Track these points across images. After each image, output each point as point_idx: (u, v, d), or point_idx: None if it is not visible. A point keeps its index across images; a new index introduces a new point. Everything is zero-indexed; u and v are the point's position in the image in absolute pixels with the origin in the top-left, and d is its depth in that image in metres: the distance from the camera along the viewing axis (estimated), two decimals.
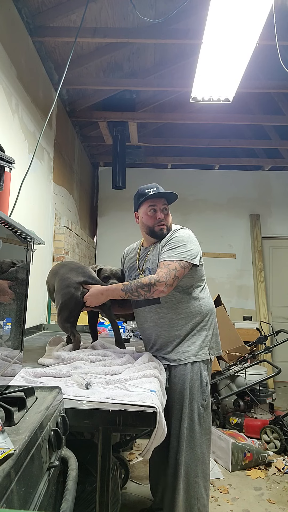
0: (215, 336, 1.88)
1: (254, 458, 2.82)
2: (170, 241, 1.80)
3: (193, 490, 1.69)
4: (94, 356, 1.67)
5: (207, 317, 1.85)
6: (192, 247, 1.78)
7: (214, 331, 1.87)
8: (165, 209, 1.88)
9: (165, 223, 1.86)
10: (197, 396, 1.76)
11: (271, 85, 3.42)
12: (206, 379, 1.79)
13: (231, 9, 1.93)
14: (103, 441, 1.17)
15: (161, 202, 1.88)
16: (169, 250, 1.76)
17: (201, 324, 1.83)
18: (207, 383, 1.80)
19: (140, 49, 3.39)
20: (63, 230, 3.56)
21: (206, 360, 1.80)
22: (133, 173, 5.23)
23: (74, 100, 3.88)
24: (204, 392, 1.77)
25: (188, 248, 1.76)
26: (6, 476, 0.61)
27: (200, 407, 1.76)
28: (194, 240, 1.84)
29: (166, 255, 1.75)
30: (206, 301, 1.87)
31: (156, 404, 1.17)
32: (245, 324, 4.80)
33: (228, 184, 5.67)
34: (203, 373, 1.78)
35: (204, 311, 1.84)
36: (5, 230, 1.02)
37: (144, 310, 1.87)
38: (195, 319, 1.82)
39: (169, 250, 1.76)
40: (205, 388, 1.78)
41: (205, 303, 1.86)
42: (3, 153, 1.35)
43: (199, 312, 1.83)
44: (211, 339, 1.84)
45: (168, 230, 1.87)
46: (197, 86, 2.70)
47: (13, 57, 2.43)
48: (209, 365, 1.84)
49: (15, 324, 1.18)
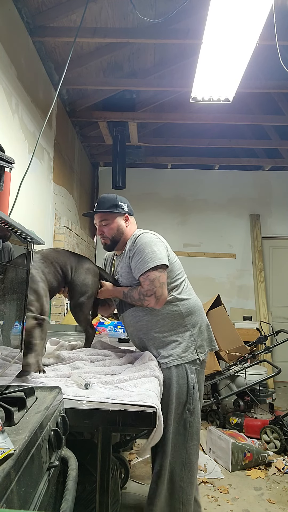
0: (203, 333, 1.80)
1: (254, 458, 2.82)
2: (135, 251, 1.71)
3: (178, 494, 1.64)
4: (94, 356, 1.67)
5: (188, 316, 1.76)
6: (156, 249, 1.69)
7: (200, 328, 1.79)
8: (103, 221, 1.81)
9: (106, 236, 1.80)
10: (183, 401, 1.69)
11: (271, 85, 3.42)
12: (193, 383, 1.72)
13: (231, 9, 1.93)
14: (103, 441, 1.17)
15: (97, 217, 1.83)
16: (139, 261, 1.68)
17: (183, 324, 1.75)
18: (194, 387, 1.72)
19: (140, 49, 3.39)
20: (63, 230, 3.56)
21: (194, 360, 1.73)
22: (133, 173, 5.24)
23: (74, 100, 3.89)
24: (190, 396, 1.70)
25: (154, 250, 1.68)
26: (6, 476, 0.61)
27: (187, 411, 1.69)
28: (157, 242, 1.74)
29: (140, 267, 1.67)
30: (186, 301, 1.78)
31: (156, 404, 1.17)
32: (245, 324, 4.80)
33: (228, 184, 5.67)
34: (190, 376, 1.71)
35: (183, 311, 1.75)
36: (5, 230, 1.02)
37: (125, 315, 1.83)
38: (175, 321, 1.75)
39: (139, 261, 1.68)
40: (192, 391, 1.71)
41: (184, 303, 1.77)
42: (3, 153, 1.34)
43: (178, 313, 1.75)
44: (197, 337, 1.76)
45: (113, 241, 1.80)
46: (197, 86, 2.70)
47: (13, 57, 2.43)
48: (199, 366, 1.76)
49: (15, 324, 1.18)
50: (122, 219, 1.82)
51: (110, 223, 1.80)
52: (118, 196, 1.86)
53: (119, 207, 1.81)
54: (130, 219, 1.85)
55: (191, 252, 5.55)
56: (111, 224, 1.80)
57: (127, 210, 1.84)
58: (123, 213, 1.82)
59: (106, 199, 1.83)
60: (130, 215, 1.86)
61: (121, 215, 1.82)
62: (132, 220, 1.86)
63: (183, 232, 5.61)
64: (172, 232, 5.56)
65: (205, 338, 1.80)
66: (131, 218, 1.86)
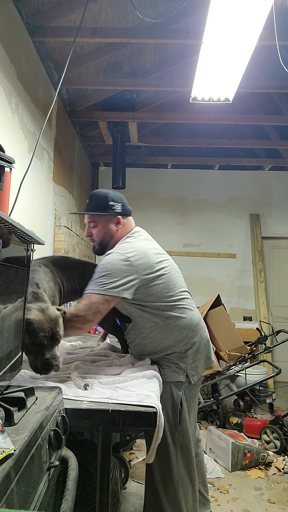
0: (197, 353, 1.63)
1: (254, 458, 2.82)
2: (98, 267, 1.55)
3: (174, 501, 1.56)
4: (94, 356, 1.67)
5: (179, 337, 1.60)
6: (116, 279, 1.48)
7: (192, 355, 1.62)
8: (92, 223, 1.68)
9: (94, 239, 1.69)
10: (169, 417, 1.56)
11: (271, 85, 3.42)
12: (179, 400, 1.57)
13: (231, 9, 1.93)
14: (103, 441, 1.17)
15: (86, 217, 1.71)
16: (94, 279, 1.51)
17: (173, 348, 1.60)
18: (182, 404, 1.58)
19: (140, 49, 3.39)
20: (63, 230, 3.56)
21: (179, 382, 1.59)
22: (133, 173, 5.23)
23: (74, 100, 3.88)
24: (176, 413, 1.57)
25: (113, 279, 1.48)
26: (6, 476, 0.61)
27: (173, 428, 1.56)
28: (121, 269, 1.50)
29: (90, 285, 1.50)
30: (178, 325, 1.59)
31: (156, 404, 1.17)
32: (245, 324, 4.80)
33: (228, 184, 5.67)
34: (175, 394, 1.58)
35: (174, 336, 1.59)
36: (5, 230, 1.02)
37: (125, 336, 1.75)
38: (164, 343, 1.60)
39: (94, 279, 1.51)
40: (178, 409, 1.57)
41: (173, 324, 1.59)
42: (3, 153, 1.34)
43: (167, 337, 1.60)
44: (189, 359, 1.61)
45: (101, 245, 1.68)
46: (197, 86, 2.70)
47: (13, 57, 2.43)
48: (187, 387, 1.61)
49: (15, 324, 1.18)
50: (112, 221, 1.66)
51: (98, 226, 1.66)
52: (112, 193, 1.69)
53: (110, 208, 1.64)
54: (124, 221, 1.68)
55: (191, 252, 5.55)
56: (100, 227, 1.66)
57: (120, 211, 1.66)
58: (114, 214, 1.65)
59: (98, 197, 1.68)
60: (124, 215, 1.69)
61: (112, 217, 1.65)
62: (126, 222, 1.69)
63: (183, 232, 5.61)
64: (172, 232, 5.57)
65: (200, 357, 1.65)
66: (126, 220, 1.69)
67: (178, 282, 1.66)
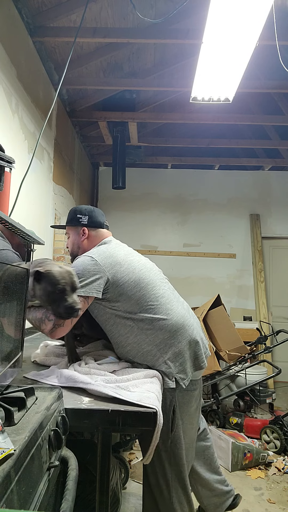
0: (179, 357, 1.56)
1: (254, 458, 2.82)
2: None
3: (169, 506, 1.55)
4: (95, 355, 1.67)
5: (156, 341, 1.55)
6: (83, 278, 1.50)
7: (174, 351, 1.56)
8: (66, 234, 1.80)
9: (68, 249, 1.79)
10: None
11: (271, 85, 3.42)
12: (171, 407, 1.53)
13: (231, 9, 1.93)
14: (102, 441, 1.17)
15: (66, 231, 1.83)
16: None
17: (152, 350, 1.55)
18: (175, 410, 1.54)
19: (140, 49, 3.39)
20: (63, 230, 3.56)
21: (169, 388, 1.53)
22: (133, 173, 5.23)
23: (74, 100, 3.88)
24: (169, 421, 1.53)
25: (81, 278, 1.49)
26: (6, 476, 0.61)
27: (165, 435, 1.50)
28: (88, 269, 1.53)
29: None
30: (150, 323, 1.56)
31: (156, 404, 1.17)
32: (245, 324, 4.80)
33: (228, 184, 5.67)
34: (168, 400, 1.53)
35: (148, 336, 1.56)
36: (5, 230, 1.02)
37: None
38: (142, 348, 1.56)
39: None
40: (170, 416, 1.53)
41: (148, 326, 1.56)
42: (3, 153, 1.35)
43: (142, 339, 1.56)
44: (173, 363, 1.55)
45: (71, 255, 1.76)
46: (197, 86, 2.70)
47: (13, 57, 2.43)
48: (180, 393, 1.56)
49: (15, 324, 1.18)
50: (79, 232, 1.72)
51: (69, 238, 1.76)
52: (83, 207, 1.77)
53: (76, 220, 1.72)
54: (91, 233, 1.73)
55: (191, 252, 5.55)
56: (71, 238, 1.75)
57: (86, 223, 1.72)
58: (79, 226, 1.72)
59: (70, 211, 1.77)
60: (91, 227, 1.73)
61: (78, 228, 1.72)
62: (94, 233, 1.73)
63: (183, 232, 5.61)
64: (172, 232, 5.57)
65: (186, 359, 1.58)
66: (94, 231, 1.73)
67: (152, 280, 1.63)
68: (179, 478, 1.56)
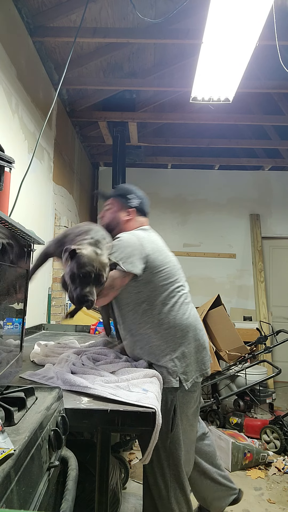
0: (186, 358, 1.57)
1: (254, 458, 2.82)
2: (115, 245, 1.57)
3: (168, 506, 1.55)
4: (95, 354, 1.67)
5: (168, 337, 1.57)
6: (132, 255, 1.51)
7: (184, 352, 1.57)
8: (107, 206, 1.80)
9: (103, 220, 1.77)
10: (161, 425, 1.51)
11: (271, 85, 3.42)
12: (172, 407, 1.54)
13: (231, 9, 1.93)
14: (102, 441, 1.17)
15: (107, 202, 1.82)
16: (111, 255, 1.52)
17: (161, 346, 1.56)
18: (175, 410, 1.54)
19: (140, 49, 3.39)
20: (63, 230, 3.56)
21: (171, 388, 1.53)
22: (133, 173, 5.23)
23: (74, 100, 3.88)
24: (169, 421, 1.53)
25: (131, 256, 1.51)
26: (6, 476, 0.61)
27: (164, 435, 1.49)
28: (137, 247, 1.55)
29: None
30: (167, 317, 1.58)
31: (155, 404, 1.17)
32: (245, 324, 4.80)
33: (228, 184, 5.67)
34: (169, 400, 1.53)
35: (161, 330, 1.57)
36: (5, 230, 1.02)
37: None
38: (152, 341, 1.57)
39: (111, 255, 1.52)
40: (170, 416, 1.53)
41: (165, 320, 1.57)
42: (3, 153, 1.35)
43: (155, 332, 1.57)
44: (179, 362, 1.55)
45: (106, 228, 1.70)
46: (197, 86, 2.70)
47: (13, 57, 2.43)
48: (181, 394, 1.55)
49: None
50: (124, 210, 1.73)
51: (110, 209, 1.77)
52: (134, 189, 1.80)
53: (127, 198, 1.74)
54: (135, 216, 1.74)
55: (191, 252, 5.55)
56: (112, 210, 1.76)
57: (135, 205, 1.74)
58: (127, 204, 1.73)
59: (120, 188, 1.82)
60: (138, 211, 1.75)
61: (125, 205, 1.74)
62: (137, 217, 1.75)
63: (183, 232, 5.61)
64: (172, 232, 5.57)
65: (191, 361, 1.59)
66: (137, 216, 1.75)
67: (180, 278, 1.67)
68: (177, 479, 1.56)
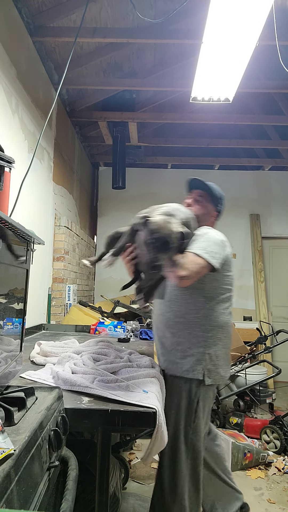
0: (216, 359, 1.63)
1: (254, 458, 2.82)
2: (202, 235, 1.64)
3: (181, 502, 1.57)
4: (95, 354, 1.67)
5: (210, 332, 1.63)
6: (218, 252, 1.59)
7: (216, 352, 1.64)
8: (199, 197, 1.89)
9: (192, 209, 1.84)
10: (184, 415, 1.59)
11: (271, 85, 3.42)
12: (196, 398, 1.59)
13: (231, 9, 1.93)
14: (102, 441, 1.17)
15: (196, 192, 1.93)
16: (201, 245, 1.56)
17: (200, 337, 1.63)
18: (198, 403, 1.59)
19: (140, 49, 3.39)
20: (63, 230, 3.56)
21: (196, 380, 1.60)
22: (133, 173, 5.23)
23: (74, 100, 3.88)
24: (193, 412, 1.58)
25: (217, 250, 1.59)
26: (6, 476, 0.61)
27: (188, 427, 1.58)
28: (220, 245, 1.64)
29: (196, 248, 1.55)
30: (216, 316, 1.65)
31: (155, 404, 1.17)
32: (245, 324, 4.80)
33: (228, 184, 5.66)
34: (193, 390, 1.60)
35: (206, 324, 1.63)
36: (5, 230, 1.02)
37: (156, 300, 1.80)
38: (194, 330, 1.63)
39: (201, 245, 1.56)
40: (195, 408, 1.59)
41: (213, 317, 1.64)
42: (3, 153, 1.35)
43: (201, 323, 1.63)
44: (209, 359, 1.62)
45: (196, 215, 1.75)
46: (197, 86, 2.70)
47: (13, 57, 2.43)
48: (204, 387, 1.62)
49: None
50: (212, 211, 1.87)
51: (201, 204, 1.85)
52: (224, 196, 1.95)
53: (218, 201, 1.89)
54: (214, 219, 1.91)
55: None
56: (202, 205, 1.85)
57: (220, 211, 1.92)
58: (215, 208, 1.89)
59: (216, 188, 1.91)
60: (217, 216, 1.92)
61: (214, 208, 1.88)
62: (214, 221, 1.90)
63: None
64: None
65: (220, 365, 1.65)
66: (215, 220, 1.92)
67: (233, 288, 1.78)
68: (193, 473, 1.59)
